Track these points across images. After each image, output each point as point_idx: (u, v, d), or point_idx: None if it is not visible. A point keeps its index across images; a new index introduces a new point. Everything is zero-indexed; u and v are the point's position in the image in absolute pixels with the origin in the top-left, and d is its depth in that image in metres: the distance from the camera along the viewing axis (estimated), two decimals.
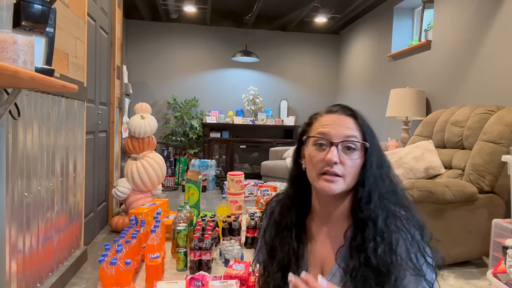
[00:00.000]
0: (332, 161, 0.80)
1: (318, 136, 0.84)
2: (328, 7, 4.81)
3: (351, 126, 0.84)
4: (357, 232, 0.82)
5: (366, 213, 0.81)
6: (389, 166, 0.87)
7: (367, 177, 0.82)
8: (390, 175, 0.86)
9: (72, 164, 2.22)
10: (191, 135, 5.66)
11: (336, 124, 0.84)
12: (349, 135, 0.82)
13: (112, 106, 3.29)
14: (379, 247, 0.78)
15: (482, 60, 2.99)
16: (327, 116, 0.87)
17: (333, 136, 0.82)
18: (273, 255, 0.92)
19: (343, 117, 0.86)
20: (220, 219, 2.64)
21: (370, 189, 0.82)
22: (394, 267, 0.77)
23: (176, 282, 1.66)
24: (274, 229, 0.95)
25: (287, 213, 0.93)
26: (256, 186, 4.31)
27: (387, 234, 0.79)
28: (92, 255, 2.51)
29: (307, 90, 6.24)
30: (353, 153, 0.82)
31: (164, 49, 5.83)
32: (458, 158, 2.64)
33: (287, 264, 0.89)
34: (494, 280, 1.82)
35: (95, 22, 2.76)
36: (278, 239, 0.92)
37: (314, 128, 0.87)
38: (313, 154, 0.84)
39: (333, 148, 0.81)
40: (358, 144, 0.83)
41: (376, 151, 0.84)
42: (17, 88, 1.36)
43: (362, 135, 0.84)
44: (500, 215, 2.35)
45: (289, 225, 0.91)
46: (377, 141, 0.87)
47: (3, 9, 1.13)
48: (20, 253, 1.59)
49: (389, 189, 0.84)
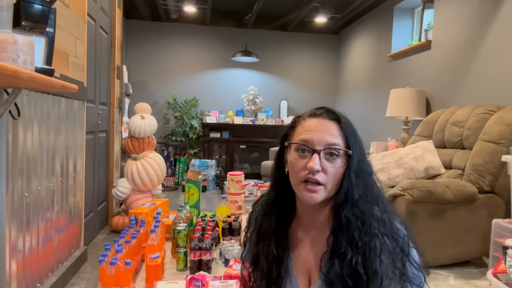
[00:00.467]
0: (314, 169, 0.78)
1: (300, 143, 0.82)
2: (328, 7, 4.81)
3: (334, 132, 0.82)
4: (336, 239, 0.81)
5: (344, 220, 0.80)
6: (369, 173, 0.85)
7: (344, 184, 0.81)
8: (369, 181, 0.84)
9: (72, 164, 2.22)
10: (191, 135, 5.66)
11: (318, 130, 0.82)
12: (331, 142, 0.80)
13: (112, 106, 3.29)
14: (355, 255, 0.77)
15: (482, 60, 2.99)
16: (310, 121, 0.85)
17: (315, 143, 0.80)
18: (257, 263, 0.91)
19: (327, 122, 0.83)
20: (220, 219, 2.64)
21: (346, 196, 0.80)
22: (374, 273, 0.76)
23: (176, 282, 1.66)
24: (256, 235, 0.93)
25: (267, 219, 0.91)
26: (256, 186, 4.31)
27: (365, 240, 0.78)
28: (92, 255, 2.51)
29: (307, 90, 6.24)
30: (335, 160, 0.81)
31: (164, 49, 5.83)
32: (458, 158, 2.64)
33: (269, 272, 0.87)
34: (494, 280, 1.82)
35: (95, 22, 2.76)
36: (260, 245, 0.90)
37: (297, 133, 0.85)
38: (295, 160, 0.82)
39: (315, 155, 0.79)
40: (340, 151, 0.81)
41: (357, 157, 0.82)
42: (17, 88, 1.36)
43: (345, 141, 0.82)
44: (500, 215, 2.35)
45: (269, 232, 0.89)
46: (360, 146, 0.84)
47: (3, 9, 1.13)
48: (20, 253, 1.59)
49: (366, 196, 0.82)
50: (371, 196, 0.83)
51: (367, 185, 0.83)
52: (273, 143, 5.69)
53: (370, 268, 0.76)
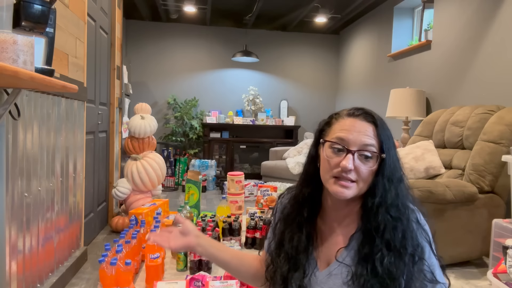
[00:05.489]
0: (347, 168, 0.81)
1: (336, 142, 0.84)
2: (328, 7, 4.81)
3: (370, 134, 0.83)
4: (365, 240, 0.83)
5: (374, 223, 0.82)
6: (401, 178, 0.87)
7: (378, 188, 0.83)
8: (402, 187, 0.86)
9: (72, 164, 2.22)
10: (191, 135, 5.66)
11: (355, 131, 0.83)
12: (367, 143, 0.82)
13: (112, 106, 3.29)
14: (385, 258, 0.80)
15: (482, 60, 2.99)
16: (347, 120, 0.86)
17: (351, 143, 0.82)
18: (281, 249, 0.94)
19: (364, 123, 0.84)
20: (220, 219, 2.64)
21: (379, 200, 0.83)
22: (402, 277, 0.79)
23: (176, 282, 1.66)
24: (285, 224, 0.96)
25: (299, 211, 0.93)
26: (256, 186, 4.30)
27: (395, 245, 0.81)
28: (92, 255, 2.51)
29: (307, 90, 6.24)
30: (368, 161, 0.83)
31: (164, 49, 5.83)
32: (458, 158, 2.64)
33: (295, 259, 0.90)
34: (494, 280, 1.82)
35: (95, 22, 2.76)
36: (288, 234, 0.93)
37: (333, 130, 0.87)
38: (329, 157, 0.84)
39: (349, 155, 0.82)
40: (374, 154, 0.83)
41: (390, 162, 0.84)
42: (17, 88, 1.36)
43: (379, 144, 0.84)
44: (500, 215, 2.35)
45: (300, 223, 0.92)
46: (394, 151, 0.86)
47: (3, 9, 1.13)
48: (20, 253, 1.59)
49: (398, 201, 0.84)
50: (403, 201, 0.85)
51: (400, 190, 0.85)
52: (273, 143, 5.69)
53: (397, 272, 0.79)
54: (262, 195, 3.33)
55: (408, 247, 0.81)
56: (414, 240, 0.82)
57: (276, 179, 4.71)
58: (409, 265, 0.80)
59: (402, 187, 0.86)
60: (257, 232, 2.48)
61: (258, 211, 2.92)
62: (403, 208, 0.84)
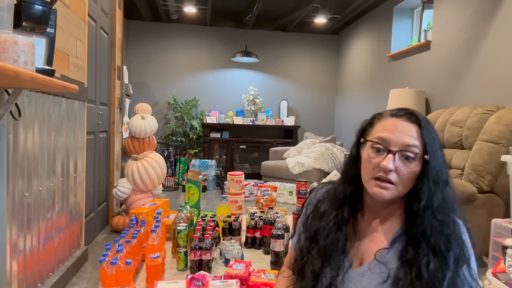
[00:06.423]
0: (387, 168, 0.79)
1: (377, 141, 0.83)
2: (328, 8, 4.82)
3: (413, 134, 0.81)
4: (409, 244, 0.82)
5: (420, 228, 0.81)
6: (447, 181, 0.84)
7: (423, 191, 0.81)
8: (448, 190, 0.84)
9: (72, 164, 2.22)
10: (191, 135, 5.67)
11: (397, 131, 0.82)
12: (409, 144, 0.80)
13: (112, 107, 3.29)
14: (431, 263, 0.78)
15: (482, 60, 3.00)
16: (390, 120, 0.85)
17: (392, 143, 0.81)
18: (315, 244, 0.92)
19: (407, 124, 0.83)
20: (220, 219, 2.64)
21: (425, 204, 0.81)
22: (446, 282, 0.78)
23: (177, 282, 1.66)
24: (320, 220, 0.94)
25: (339, 209, 0.92)
26: (256, 186, 4.31)
27: (441, 249, 0.80)
28: (93, 255, 2.51)
29: (307, 90, 6.24)
30: (410, 162, 0.81)
31: (164, 50, 5.83)
32: (457, 158, 2.65)
33: (329, 255, 0.89)
34: (493, 279, 1.83)
35: (95, 23, 2.77)
36: (324, 231, 0.91)
37: (375, 130, 0.86)
38: (370, 157, 0.83)
39: (390, 155, 0.80)
40: (417, 155, 0.81)
41: (435, 164, 0.82)
42: (18, 89, 1.37)
43: (423, 146, 0.81)
44: (500, 215, 2.35)
45: (339, 221, 0.91)
46: (440, 153, 0.83)
47: (4, 9, 1.14)
48: (21, 253, 1.60)
49: (445, 205, 0.83)
50: (449, 205, 0.84)
51: (445, 194, 0.83)
52: (273, 143, 5.70)
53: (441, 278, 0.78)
54: (262, 195, 3.34)
55: (453, 251, 0.79)
56: (459, 245, 0.81)
57: (276, 179, 4.71)
58: (453, 270, 0.79)
59: (448, 190, 0.84)
60: (257, 232, 2.49)
61: (258, 211, 2.93)
62: (449, 212, 0.82)
